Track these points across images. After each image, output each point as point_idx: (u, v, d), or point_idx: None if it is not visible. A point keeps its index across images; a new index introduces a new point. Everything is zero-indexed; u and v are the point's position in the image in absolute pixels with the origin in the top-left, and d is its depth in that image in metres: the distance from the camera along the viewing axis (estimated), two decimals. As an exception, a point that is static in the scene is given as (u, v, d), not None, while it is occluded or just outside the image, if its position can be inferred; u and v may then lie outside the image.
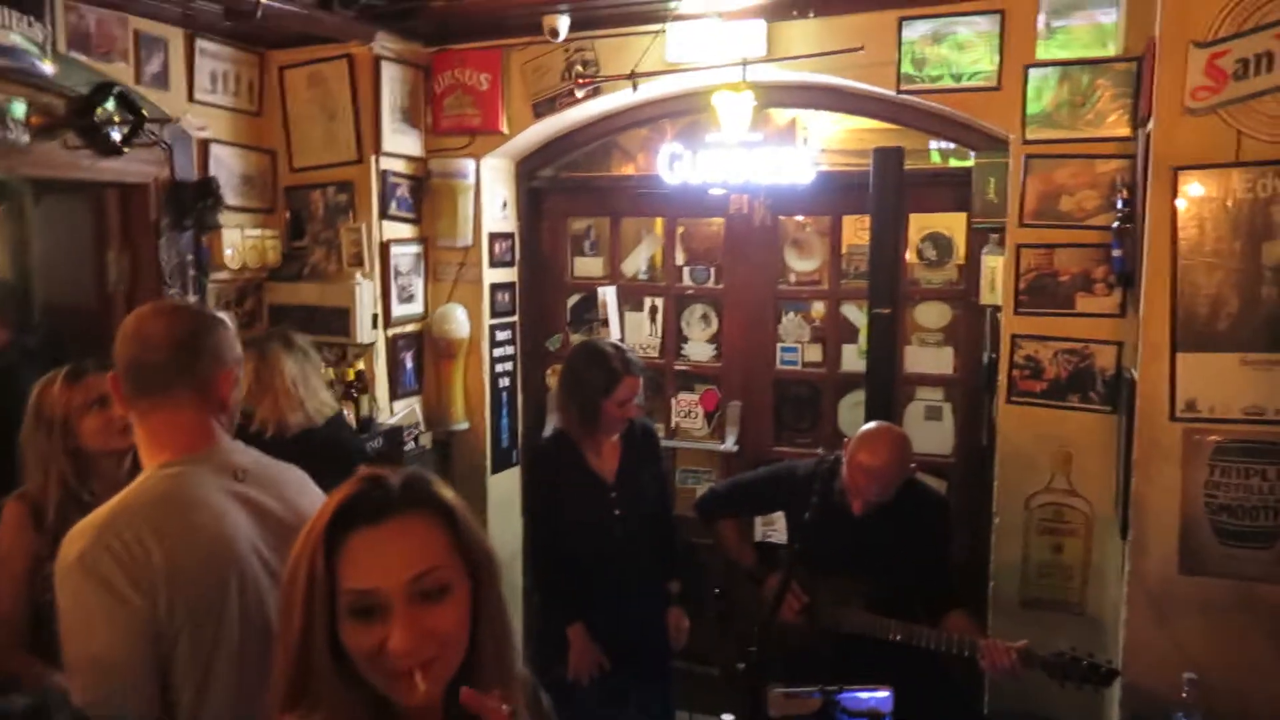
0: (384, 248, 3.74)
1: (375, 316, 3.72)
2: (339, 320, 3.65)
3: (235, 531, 1.62)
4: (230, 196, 3.51)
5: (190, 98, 3.40)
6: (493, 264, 4.03)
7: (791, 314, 4.02)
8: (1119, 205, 2.95)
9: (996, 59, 3.14)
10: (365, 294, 3.63)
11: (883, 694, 2.13)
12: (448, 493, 1.17)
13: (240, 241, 3.55)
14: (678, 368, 4.20)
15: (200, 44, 3.42)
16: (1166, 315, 2.66)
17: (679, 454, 4.24)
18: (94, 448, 2.20)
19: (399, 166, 3.80)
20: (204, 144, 3.46)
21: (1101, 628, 3.15)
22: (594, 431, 2.67)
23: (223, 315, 1.86)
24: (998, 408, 3.30)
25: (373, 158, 3.67)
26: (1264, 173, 2.52)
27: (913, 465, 2.73)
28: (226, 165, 3.54)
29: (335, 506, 1.10)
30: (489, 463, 4.09)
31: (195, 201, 3.30)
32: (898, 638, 2.56)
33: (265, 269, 3.72)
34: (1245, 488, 2.63)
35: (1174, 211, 2.62)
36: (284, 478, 1.78)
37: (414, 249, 3.91)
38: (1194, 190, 2.59)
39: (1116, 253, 2.95)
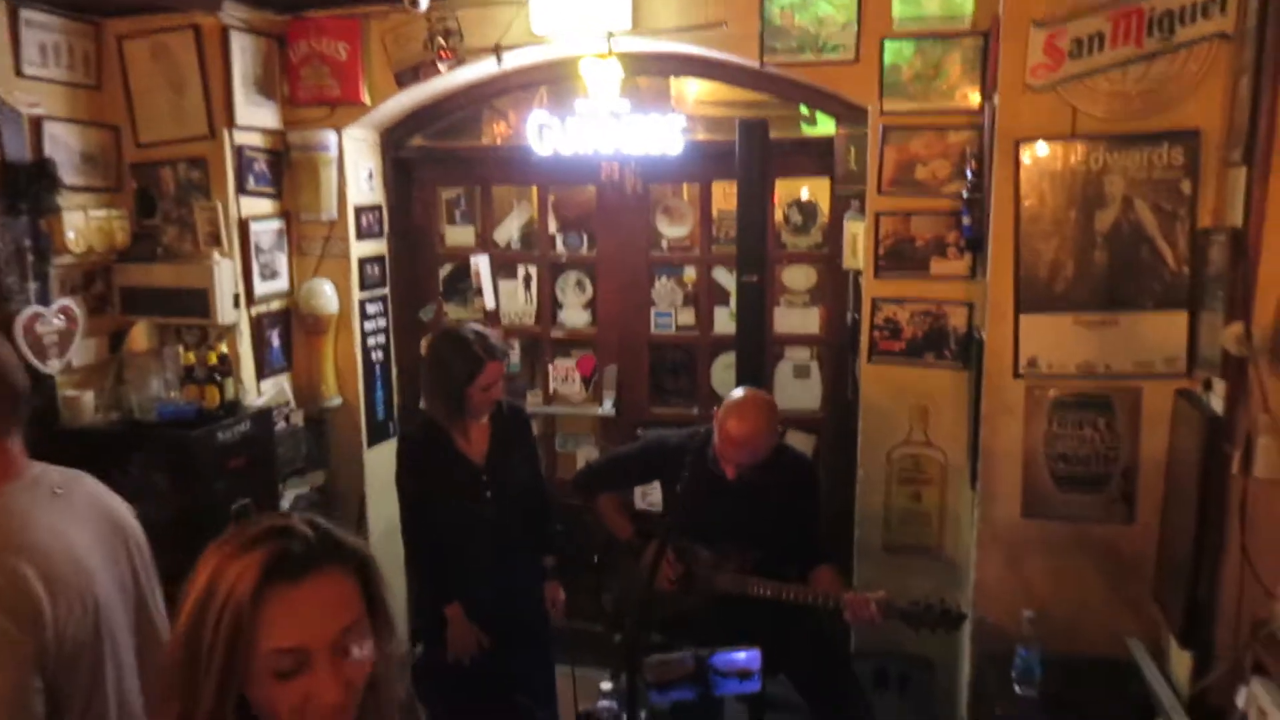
0: (243, 225, 3.60)
1: (237, 296, 3.59)
2: (197, 302, 3.50)
3: (83, 548, 1.60)
4: (70, 176, 3.30)
5: (18, 72, 3.16)
6: (360, 236, 3.94)
7: (664, 279, 4.08)
8: (968, 175, 3.11)
9: (855, 32, 3.23)
10: (224, 273, 3.50)
11: (751, 653, 2.23)
12: (356, 540, 1.16)
13: (84, 223, 3.35)
14: (554, 335, 4.21)
15: (25, 14, 3.16)
16: (1010, 279, 2.83)
17: (558, 420, 4.28)
18: None
19: (255, 140, 3.64)
20: (37, 122, 3.22)
21: (957, 569, 3.38)
22: (461, 417, 2.68)
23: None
24: (860, 366, 3.46)
25: (225, 132, 3.50)
26: (1096, 146, 2.70)
27: (781, 427, 2.83)
28: (64, 143, 3.32)
29: (261, 566, 1.07)
30: (365, 437, 4.05)
31: (30, 184, 3.08)
32: (767, 594, 2.68)
33: (114, 251, 3.53)
34: (1079, 438, 2.85)
35: (1017, 182, 2.78)
36: (83, 482, 1.75)
37: (275, 224, 3.77)
38: (1034, 162, 2.75)
39: (966, 220, 3.11)
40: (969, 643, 3.17)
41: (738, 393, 2.84)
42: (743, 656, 2.29)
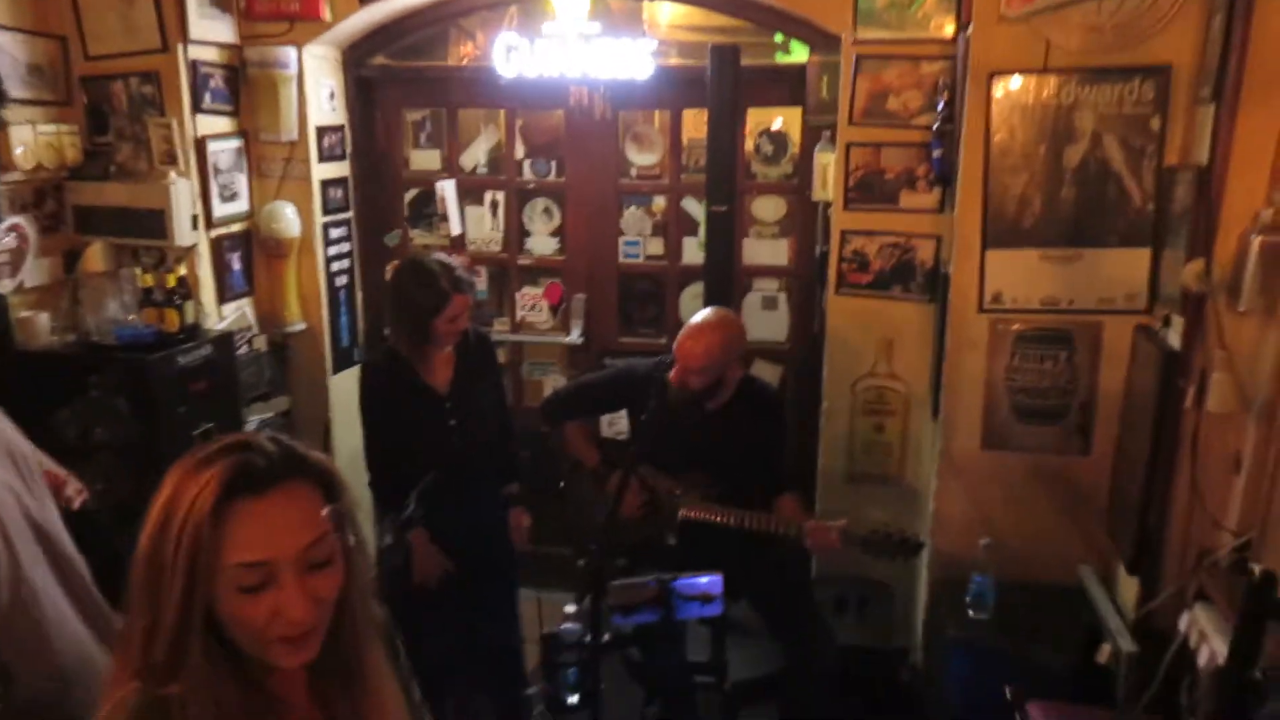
0: (199, 144, 3.49)
1: (195, 217, 3.50)
2: (154, 222, 3.41)
3: None
4: (16, 88, 3.17)
5: (-44, -25, 3.01)
6: (322, 159, 3.84)
7: (633, 208, 4.04)
8: (940, 107, 3.08)
9: (829, -45, 3.16)
10: (181, 194, 3.40)
11: (713, 577, 2.28)
12: (320, 456, 1.15)
13: (32, 138, 3.22)
14: (521, 262, 4.17)
15: (-37, -88, 3.01)
16: (978, 213, 2.84)
17: (525, 348, 4.27)
18: None
19: (210, 55, 3.51)
20: (-23, 29, 3.09)
21: (917, 498, 3.45)
22: (426, 348, 2.66)
23: None
24: (827, 299, 3.47)
25: (179, 45, 3.36)
26: (1068, 80, 2.69)
27: (746, 357, 2.84)
28: (9, 53, 3.17)
29: (220, 480, 1.05)
30: (329, 363, 4.00)
31: (-27, 94, 2.97)
32: (731, 522, 2.73)
33: (65, 168, 3.40)
34: (1040, 371, 2.90)
35: (988, 115, 2.77)
36: None
37: (234, 144, 3.66)
38: (1006, 95, 2.73)
39: (936, 153, 3.10)
40: (926, 570, 3.26)
41: (702, 311, 2.83)
42: (705, 581, 2.34)
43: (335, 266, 4.00)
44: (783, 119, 3.96)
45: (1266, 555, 2.12)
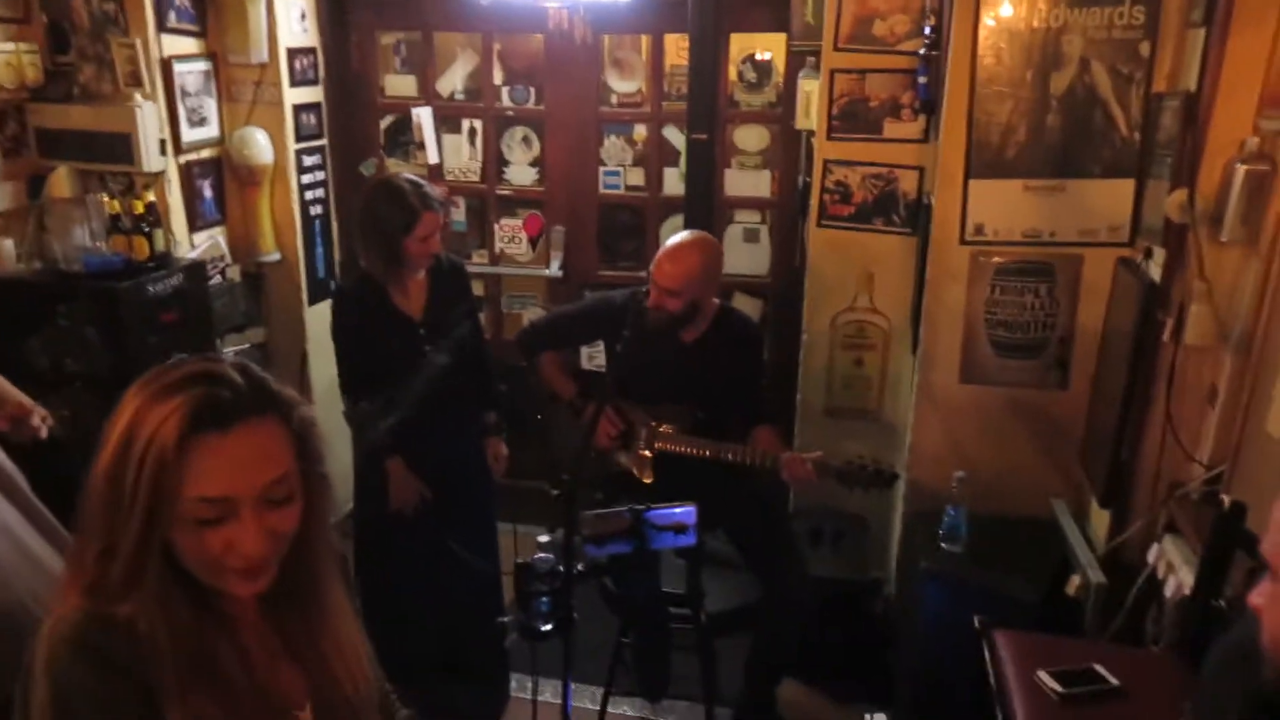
0: (165, 65, 3.38)
1: (163, 142, 3.41)
2: (121, 147, 3.32)
3: None
4: (-29, 4, 3.07)
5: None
6: (294, 83, 3.73)
7: (614, 137, 3.95)
8: (927, 31, 3.00)
9: None
10: (148, 117, 3.30)
11: (687, 508, 2.27)
12: (289, 392, 1.13)
13: (-10, 57, 3.13)
14: (500, 192, 4.10)
15: None
16: (962, 142, 2.78)
17: (504, 280, 4.22)
18: None
19: (174, -30, 3.39)
20: (-72, -61, 2.96)
21: (896, 433, 3.44)
22: (398, 271, 2.60)
23: None
24: (808, 231, 3.42)
25: (141, -41, 3.25)
26: (1058, 2, 2.61)
27: (720, 276, 2.78)
28: (-38, -35, 3.06)
29: (186, 413, 1.03)
30: (305, 294, 3.95)
31: (-74, 10, 2.85)
32: (707, 454, 2.72)
33: (25, 89, 3.30)
34: (1020, 305, 2.88)
35: (975, 39, 2.69)
36: None
37: (202, 66, 3.55)
38: (994, 18, 2.66)
39: (922, 79, 3.02)
40: (902, 503, 3.27)
41: (680, 233, 2.77)
42: (678, 512, 2.33)
43: (310, 195, 3.93)
44: (765, 47, 3.85)
45: (1237, 488, 2.13)
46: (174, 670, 1.05)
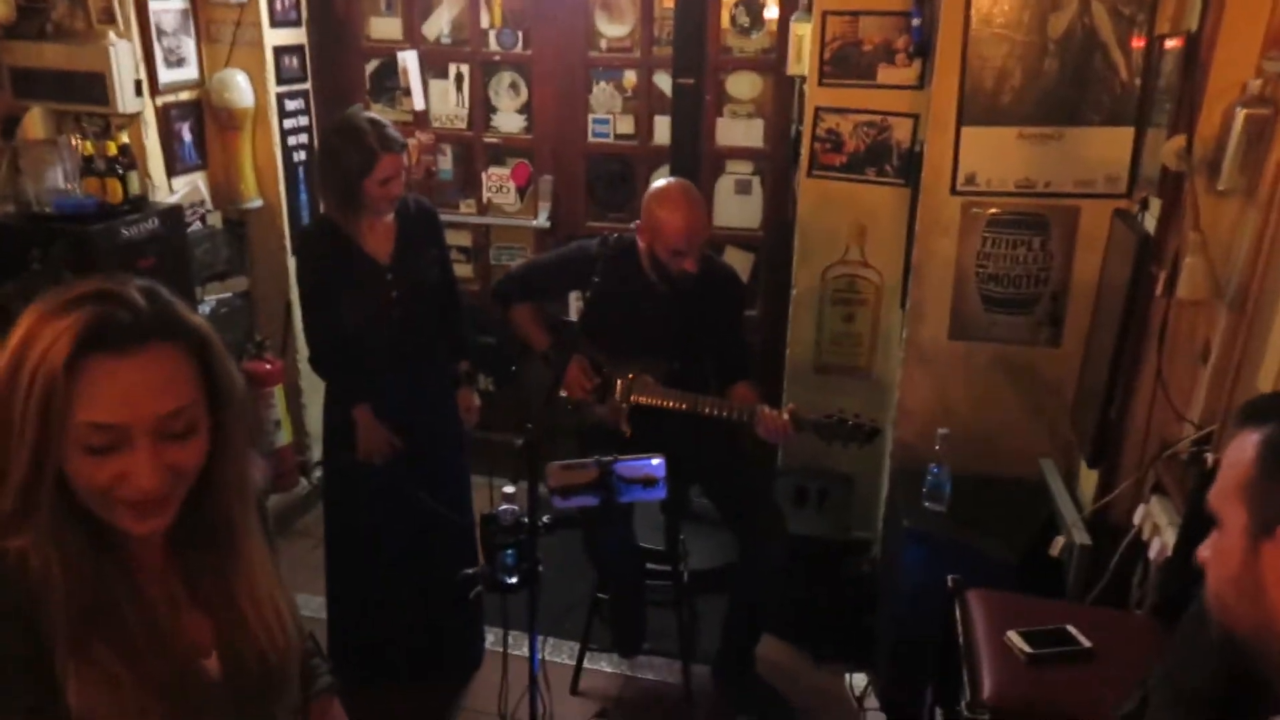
0: (140, 3, 3.28)
1: (139, 83, 3.32)
2: (95, 87, 3.23)
3: None
4: (-64, -65, 2.97)
5: None
6: (275, 23, 3.63)
7: (603, 83, 3.84)
8: (922, -30, 2.88)
9: None
10: (122, 56, 3.21)
11: (656, 461, 2.20)
12: (198, 319, 1.05)
13: (-43, -9, 3.04)
14: (487, 140, 4.00)
15: None
16: (955, 87, 2.68)
17: (492, 230, 4.13)
18: None
19: (147, -99, 3.28)
20: None
21: (885, 390, 3.37)
22: (358, 214, 2.52)
23: None
24: (799, 181, 3.32)
25: (112, -111, 3.14)
26: (1057, -63, 2.49)
27: (717, 243, 2.72)
28: (-76, -106, 2.96)
29: (77, 331, 0.95)
30: (289, 242, 3.87)
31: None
32: (684, 407, 2.65)
33: (-2, 25, 3.23)
34: (1012, 258, 2.78)
35: (971, -23, 2.57)
36: None
37: (178, 4, 3.45)
38: (991, -44, 2.53)
39: (916, 21, 2.90)
40: (888, 461, 3.20)
41: (665, 187, 2.67)
42: (648, 464, 2.27)
43: (292, 141, 3.84)
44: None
45: (1226, 448, 2.05)
46: (68, 612, 0.99)
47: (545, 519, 2.27)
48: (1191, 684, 1.37)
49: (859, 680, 2.97)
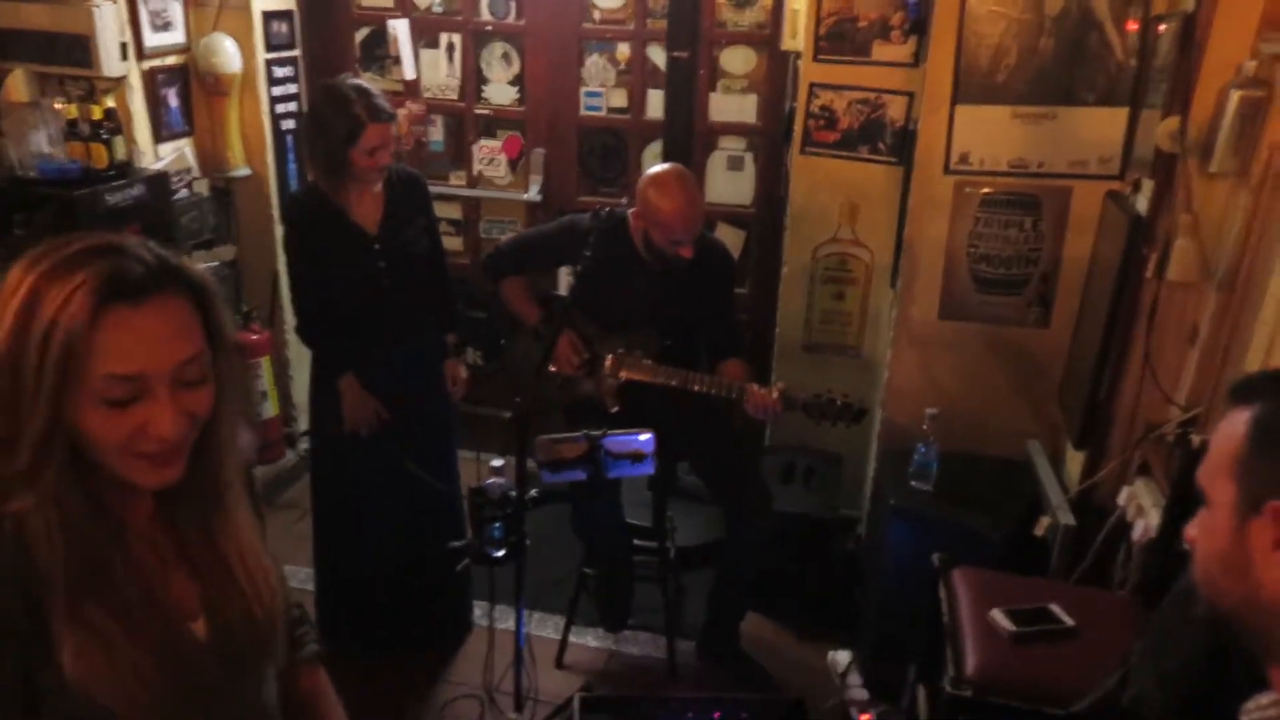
0: (125, -37, 3.24)
1: (124, 46, 3.27)
2: (79, 49, 3.19)
3: None
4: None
5: None
6: (263, -12, 3.59)
7: (596, 55, 3.80)
8: (919, -55, 2.85)
9: None
10: (106, 18, 3.16)
11: (645, 436, 2.20)
12: (198, 269, 1.06)
13: (-62, -52, 2.98)
14: (478, 111, 3.96)
15: None
16: (950, 65, 2.66)
17: (483, 204, 4.10)
18: None
19: None
20: None
21: (874, 369, 3.37)
22: (345, 183, 2.49)
23: None
24: (791, 158, 3.30)
25: None
26: (1056, -86, 2.46)
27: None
28: None
29: (95, 286, 0.95)
30: (277, 211, 3.84)
31: None
32: (673, 383, 2.64)
33: (-23, -17, 3.17)
34: (1004, 238, 2.78)
35: (968, -47, 2.55)
36: None
37: (164, -34, 3.40)
38: (989, -68, 2.51)
39: (913, -3, 2.88)
40: (876, 440, 3.21)
41: (662, 173, 2.65)
42: (636, 439, 2.27)
43: (280, 109, 3.79)
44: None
45: (1212, 430, 2.05)
46: (65, 574, 0.99)
47: (533, 493, 2.28)
48: (1172, 662, 1.38)
49: (843, 657, 2.98)
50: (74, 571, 0.99)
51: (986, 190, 2.74)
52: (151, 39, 3.39)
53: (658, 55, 3.69)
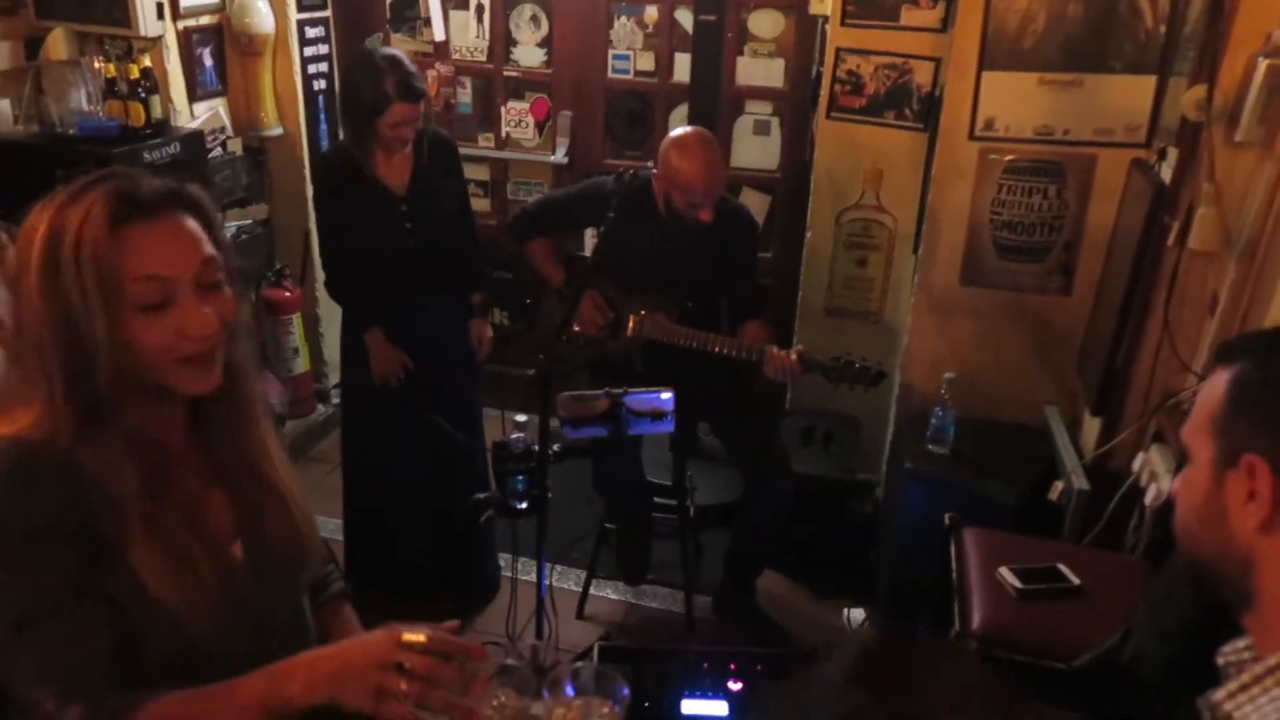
0: (161, -77, 3.28)
1: (160, 5, 3.32)
2: (117, 9, 3.24)
3: None
4: None
5: None
6: (295, -52, 3.62)
7: (624, 18, 3.81)
8: (950, -93, 2.83)
9: None
10: (144, -22, 3.22)
11: (666, 394, 2.25)
12: (197, 189, 1.15)
13: (-19, -93, 3.03)
14: (507, 74, 3.99)
15: None
16: (978, 30, 2.66)
17: (510, 165, 4.14)
18: None
19: None
20: None
21: (894, 335, 3.39)
22: (372, 147, 2.54)
23: None
24: (817, 123, 3.31)
25: None
26: (1089, -122, 2.44)
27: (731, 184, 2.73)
28: None
29: (109, 203, 1.03)
30: (309, 171, 3.89)
31: None
32: (694, 345, 2.68)
33: (19, -57, 3.22)
34: (1027, 205, 2.78)
35: (999, -83, 2.54)
36: None
37: (199, -74, 3.44)
38: (1020, -105, 2.50)
39: (942, -38, 2.87)
40: (895, 404, 3.24)
41: (683, 136, 2.68)
42: (657, 397, 2.31)
43: (312, 69, 3.84)
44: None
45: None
46: (138, 493, 1.06)
47: (555, 448, 2.34)
48: (1171, 620, 1.42)
49: (857, 614, 3.04)
50: (144, 489, 1.07)
51: (1011, 157, 2.74)
52: (187, -1, 3.44)
53: (685, 18, 3.70)
